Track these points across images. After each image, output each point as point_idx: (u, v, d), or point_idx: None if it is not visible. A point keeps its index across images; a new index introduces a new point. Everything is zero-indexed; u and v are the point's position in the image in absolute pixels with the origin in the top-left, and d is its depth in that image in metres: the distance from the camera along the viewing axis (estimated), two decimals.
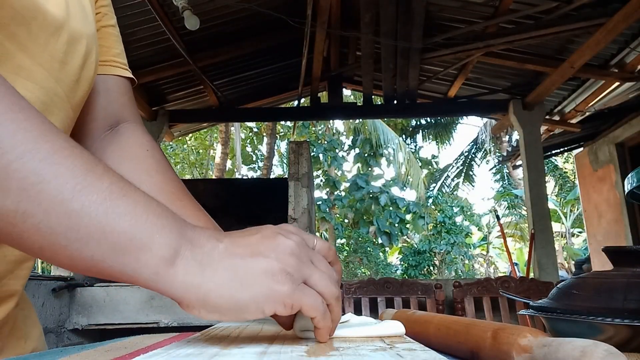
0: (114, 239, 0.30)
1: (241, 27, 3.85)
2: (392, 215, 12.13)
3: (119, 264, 0.31)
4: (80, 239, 0.29)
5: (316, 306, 0.34)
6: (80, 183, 0.30)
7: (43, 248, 0.30)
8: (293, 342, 0.36)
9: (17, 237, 0.29)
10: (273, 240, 0.35)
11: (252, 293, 0.32)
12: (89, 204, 0.30)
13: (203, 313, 0.33)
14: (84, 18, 0.52)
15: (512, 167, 13.04)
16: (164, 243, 0.32)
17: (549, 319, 0.53)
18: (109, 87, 0.61)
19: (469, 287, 2.56)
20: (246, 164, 14.11)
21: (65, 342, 2.21)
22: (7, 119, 0.29)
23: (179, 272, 0.32)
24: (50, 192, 0.29)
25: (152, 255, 0.31)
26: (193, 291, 0.32)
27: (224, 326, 0.50)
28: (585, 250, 9.66)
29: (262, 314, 0.33)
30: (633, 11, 2.85)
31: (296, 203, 2.80)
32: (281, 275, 0.33)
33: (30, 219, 0.28)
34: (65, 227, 0.29)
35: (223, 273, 0.33)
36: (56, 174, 0.29)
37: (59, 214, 0.29)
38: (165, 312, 2.26)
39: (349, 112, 4.97)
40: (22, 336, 0.53)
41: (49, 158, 0.29)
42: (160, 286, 0.32)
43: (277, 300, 0.33)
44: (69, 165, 0.30)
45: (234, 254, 0.34)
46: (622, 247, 0.56)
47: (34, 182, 0.28)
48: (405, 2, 3.23)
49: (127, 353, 0.39)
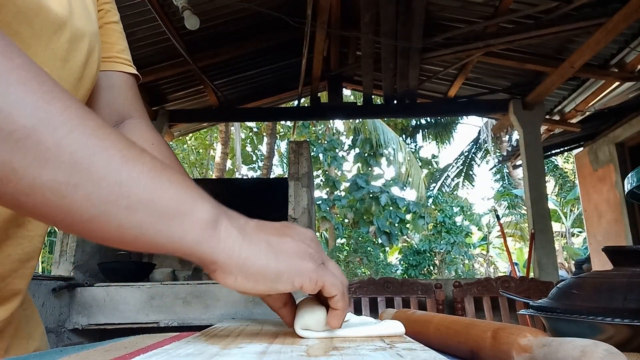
0: (162, 205, 0.32)
1: (241, 27, 3.85)
2: (392, 215, 12.13)
3: (166, 231, 0.32)
4: (130, 207, 0.31)
5: (337, 284, 0.37)
6: (125, 155, 0.31)
7: (93, 219, 0.30)
8: (293, 342, 0.37)
9: (67, 209, 0.30)
10: (294, 228, 0.39)
11: (285, 265, 0.35)
12: (137, 174, 0.31)
13: (240, 279, 0.34)
14: (86, 16, 0.52)
15: (512, 167, 13.03)
16: (206, 209, 0.34)
17: (549, 319, 0.53)
18: (113, 84, 0.62)
19: (469, 287, 2.56)
20: (246, 163, 14.11)
21: (65, 342, 2.21)
22: (54, 97, 0.30)
23: (222, 237, 0.34)
24: (100, 163, 0.30)
25: (197, 220, 0.33)
26: (234, 255, 0.34)
27: (224, 326, 0.50)
28: (585, 250, 9.66)
29: (291, 286, 0.35)
30: (633, 11, 2.85)
31: (296, 203, 2.80)
32: (305, 254, 0.36)
33: (82, 190, 0.30)
34: (116, 195, 0.30)
35: (260, 243, 0.35)
36: (104, 146, 0.30)
37: (109, 183, 0.30)
38: (165, 312, 2.26)
39: (349, 112, 4.97)
40: (25, 336, 0.53)
41: (96, 133, 0.31)
42: (205, 249, 0.33)
43: (305, 274, 0.35)
44: (113, 140, 0.31)
45: (265, 231, 0.37)
46: (622, 247, 0.56)
47: (85, 155, 0.30)
48: (405, 2, 3.23)
49: (127, 353, 0.39)
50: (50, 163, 0.29)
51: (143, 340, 0.48)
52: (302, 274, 0.35)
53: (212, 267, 0.34)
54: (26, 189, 0.29)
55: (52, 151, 0.29)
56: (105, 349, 0.42)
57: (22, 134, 0.28)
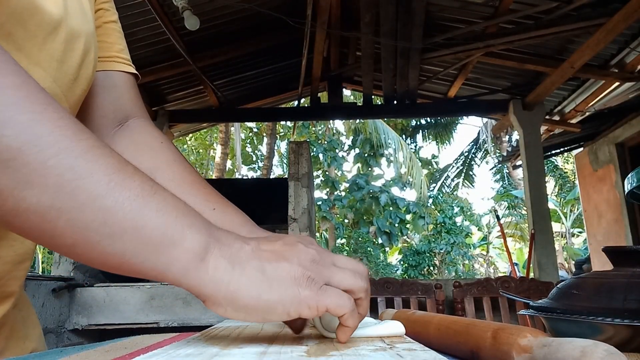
0: (146, 234, 0.31)
1: (241, 27, 3.85)
2: (392, 215, 12.13)
3: (151, 260, 0.31)
4: (114, 235, 0.30)
5: (342, 304, 0.34)
6: (113, 180, 0.30)
7: (76, 244, 0.30)
8: (293, 342, 0.36)
9: (51, 233, 0.30)
10: (295, 247, 0.36)
11: (279, 295, 0.33)
12: (122, 200, 0.30)
13: (230, 311, 0.33)
14: (82, 16, 0.52)
15: (512, 167, 13.03)
16: (194, 239, 0.32)
17: (549, 319, 0.53)
18: (115, 83, 0.61)
19: (469, 287, 2.55)
20: (246, 164, 14.11)
21: (65, 343, 2.21)
22: (44, 118, 0.29)
23: (209, 268, 0.32)
24: (85, 188, 0.29)
25: (183, 251, 0.32)
26: (222, 288, 0.32)
27: (224, 326, 0.50)
28: (585, 250, 9.66)
29: (287, 316, 0.33)
30: (633, 11, 2.85)
31: (296, 203, 2.80)
32: (303, 279, 0.34)
33: (65, 214, 0.29)
34: (99, 222, 0.30)
35: (251, 272, 0.33)
36: (91, 171, 0.30)
37: (93, 209, 0.29)
38: (165, 312, 2.26)
39: (349, 112, 4.97)
40: (22, 337, 0.53)
41: (84, 156, 0.30)
42: (190, 282, 0.32)
43: (302, 303, 0.33)
44: (102, 163, 0.30)
45: (261, 256, 0.34)
46: (622, 247, 0.56)
47: (70, 179, 0.29)
48: (405, 2, 3.23)
49: (127, 353, 0.39)
50: (36, 186, 0.28)
51: (143, 340, 0.48)
52: (298, 303, 0.33)
53: (201, 297, 0.33)
54: (12, 210, 0.29)
55: (37, 174, 0.28)
56: (105, 349, 0.42)
57: (8, 155, 0.28)
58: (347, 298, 0.35)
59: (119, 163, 0.32)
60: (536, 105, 4.23)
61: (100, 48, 0.60)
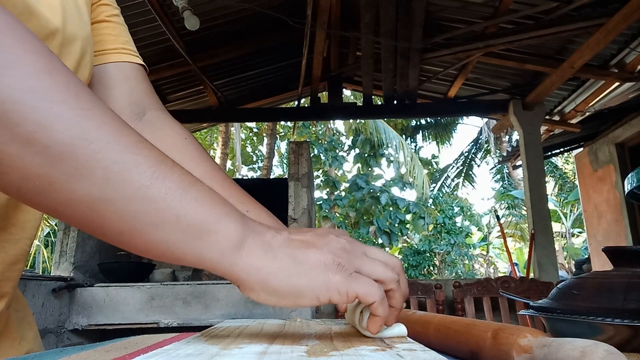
0: (186, 223, 0.32)
1: (241, 27, 3.85)
2: (392, 215, 12.13)
3: (190, 247, 0.33)
4: (157, 223, 0.32)
5: (372, 292, 0.35)
6: (155, 172, 0.32)
7: (122, 233, 0.32)
8: (293, 342, 0.37)
9: (99, 223, 0.31)
10: (326, 236, 0.37)
11: (308, 280, 0.34)
12: (164, 191, 0.32)
13: (262, 295, 0.34)
14: (79, 19, 0.52)
15: (512, 167, 13.03)
16: (230, 228, 0.34)
17: (549, 319, 0.53)
18: (127, 75, 0.61)
19: (469, 287, 2.56)
20: (246, 164, 14.11)
21: (65, 343, 2.21)
22: (91, 114, 0.31)
23: (243, 255, 0.34)
24: (130, 180, 0.31)
25: (220, 239, 0.33)
26: (255, 273, 0.34)
27: (224, 326, 0.50)
28: (585, 250, 9.66)
29: (317, 301, 0.35)
30: (633, 11, 2.85)
31: (296, 203, 2.80)
32: (333, 265, 0.35)
33: (112, 205, 0.31)
34: (143, 212, 0.31)
35: (283, 259, 0.35)
36: (136, 163, 0.31)
37: (138, 200, 0.31)
38: (165, 312, 2.26)
39: (349, 112, 4.96)
40: (16, 337, 0.53)
41: (128, 149, 0.31)
42: (226, 268, 0.34)
43: (331, 288, 0.34)
44: (145, 156, 0.32)
45: (291, 245, 0.36)
46: (622, 247, 0.56)
47: (117, 171, 0.30)
48: (405, 2, 3.23)
49: (127, 353, 0.39)
50: (85, 178, 0.30)
51: (143, 340, 0.48)
52: (328, 288, 0.34)
53: (236, 283, 0.35)
54: (63, 201, 0.30)
55: (87, 166, 0.30)
56: (106, 349, 0.42)
57: (59, 149, 0.29)
58: (377, 287, 0.36)
59: (160, 156, 0.33)
60: (536, 105, 4.23)
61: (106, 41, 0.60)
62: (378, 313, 0.36)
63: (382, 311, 0.36)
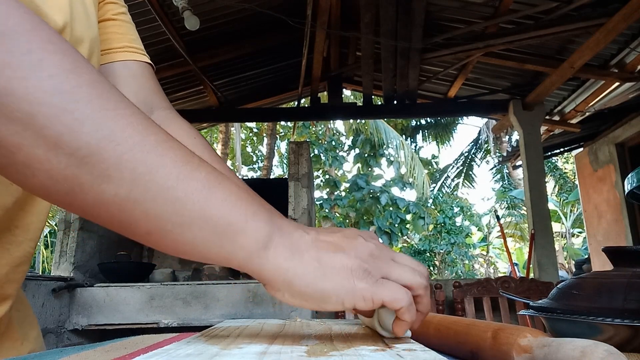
0: (213, 224, 0.32)
1: (241, 27, 3.85)
2: (393, 215, 12.13)
3: (217, 247, 0.33)
4: (184, 224, 0.32)
5: (399, 298, 0.35)
6: (182, 172, 0.32)
7: (150, 233, 0.32)
8: (293, 342, 0.37)
9: (127, 223, 0.32)
10: (354, 240, 0.37)
11: (333, 285, 0.34)
12: (191, 191, 0.32)
13: (287, 297, 0.35)
14: (86, 21, 0.52)
15: (512, 167, 13.03)
16: (257, 228, 0.34)
17: (549, 319, 0.53)
18: (135, 73, 0.61)
19: (469, 288, 2.55)
20: (246, 164, 14.11)
21: (65, 343, 2.21)
22: (117, 115, 0.31)
23: (270, 256, 0.34)
24: (157, 181, 0.31)
25: (247, 239, 0.33)
26: (281, 274, 0.34)
27: (224, 326, 0.50)
28: (585, 250, 9.66)
29: (342, 306, 0.34)
30: (633, 11, 2.85)
31: (296, 203, 2.80)
32: (359, 271, 0.35)
33: (140, 205, 0.31)
34: (170, 212, 0.31)
35: (309, 261, 0.34)
36: (162, 164, 0.31)
37: (165, 200, 0.31)
38: (165, 312, 2.26)
39: (349, 112, 4.97)
40: (18, 337, 0.53)
41: (155, 150, 0.31)
42: (253, 267, 0.34)
43: (357, 295, 0.34)
44: (171, 156, 0.32)
45: (319, 247, 0.35)
46: (622, 247, 0.56)
47: (143, 172, 0.31)
48: (405, 2, 3.23)
49: (127, 353, 0.39)
50: (113, 179, 0.30)
51: (143, 340, 0.48)
52: (353, 295, 0.34)
53: (262, 282, 0.35)
54: (92, 202, 0.30)
55: (114, 168, 0.30)
56: (106, 349, 0.42)
57: (87, 151, 0.29)
58: (405, 292, 0.35)
59: (186, 156, 0.33)
60: (536, 105, 4.23)
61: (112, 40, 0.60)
62: (405, 318, 0.36)
63: (409, 316, 0.36)
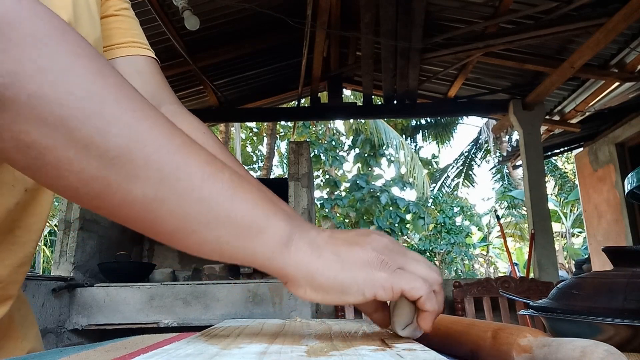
0: (237, 223, 0.33)
1: (241, 27, 3.85)
2: (393, 215, 12.13)
3: (241, 246, 0.34)
4: (209, 223, 0.32)
5: (418, 286, 0.35)
6: (206, 172, 0.33)
7: (175, 232, 0.33)
8: (293, 342, 0.37)
9: (153, 222, 0.32)
10: (368, 236, 0.38)
11: (353, 276, 0.35)
12: (216, 191, 0.33)
13: (309, 292, 0.35)
14: (90, 21, 0.52)
15: (512, 167, 13.03)
16: (279, 227, 0.35)
17: (549, 319, 0.53)
18: (140, 69, 0.61)
19: (469, 287, 2.56)
20: (246, 164, 14.10)
21: (65, 343, 2.21)
22: (143, 116, 0.31)
23: (292, 253, 0.35)
24: (183, 181, 0.32)
25: (270, 238, 0.34)
26: (302, 270, 0.35)
27: (224, 326, 0.50)
28: (585, 250, 9.66)
29: (362, 297, 0.35)
30: (633, 11, 2.85)
31: (296, 203, 2.80)
32: (377, 262, 0.35)
33: (166, 205, 0.31)
34: (196, 212, 0.32)
35: (328, 256, 0.35)
36: (187, 164, 0.32)
37: (191, 200, 0.32)
38: (165, 312, 2.26)
39: (349, 112, 4.97)
40: (19, 336, 0.53)
41: (180, 151, 0.32)
42: (276, 265, 0.35)
43: (376, 284, 0.35)
44: (195, 158, 0.33)
45: (335, 243, 0.36)
46: (622, 247, 0.56)
47: (170, 172, 0.31)
48: (405, 2, 3.23)
49: (127, 353, 0.39)
50: (140, 179, 0.30)
51: (143, 340, 0.48)
52: (373, 285, 0.35)
53: (284, 279, 0.36)
54: (119, 202, 0.31)
55: (141, 168, 0.30)
56: (106, 349, 0.42)
57: (116, 152, 0.30)
58: (423, 281, 0.36)
59: (209, 157, 0.34)
60: (536, 105, 4.23)
61: (114, 35, 0.60)
62: (426, 307, 0.36)
63: (431, 305, 0.36)
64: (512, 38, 3.42)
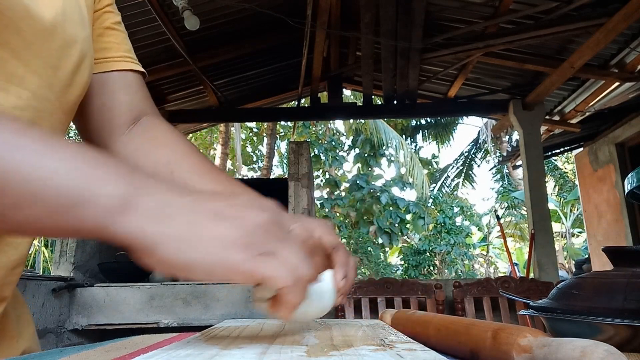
0: (51, 197, 0.30)
1: (241, 27, 3.85)
2: (393, 215, 12.13)
3: (60, 221, 0.30)
4: (13, 204, 0.29)
5: (282, 276, 0.31)
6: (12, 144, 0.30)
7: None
8: (293, 342, 0.37)
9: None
10: (244, 209, 0.33)
11: (199, 255, 0.31)
12: (16, 165, 0.29)
13: (155, 264, 0.32)
14: (80, 22, 0.52)
15: (512, 167, 13.03)
16: (108, 193, 0.31)
17: (549, 319, 0.53)
18: (129, 82, 0.63)
19: (469, 287, 2.56)
20: (246, 164, 14.11)
21: (65, 343, 2.21)
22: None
23: (127, 220, 0.31)
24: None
25: (95, 207, 0.30)
26: (140, 240, 0.31)
27: (224, 326, 0.50)
28: (585, 250, 9.66)
29: (211, 278, 0.32)
30: (633, 11, 2.85)
31: (296, 203, 2.80)
32: (239, 242, 0.31)
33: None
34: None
35: (177, 227, 0.31)
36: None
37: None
38: (165, 312, 2.26)
39: (349, 112, 4.97)
40: (14, 336, 0.53)
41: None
42: (107, 235, 0.31)
43: (231, 268, 0.31)
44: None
45: (195, 211, 0.32)
46: (622, 247, 0.56)
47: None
48: (405, 2, 3.23)
49: (127, 353, 0.39)
50: None
51: (143, 340, 0.48)
52: (223, 267, 0.31)
53: (127, 248, 0.32)
54: None
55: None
56: (105, 349, 0.42)
57: None
58: (289, 270, 0.32)
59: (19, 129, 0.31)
60: (536, 105, 4.23)
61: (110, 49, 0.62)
62: (285, 299, 0.32)
63: (292, 298, 0.32)
64: (512, 38, 3.42)
